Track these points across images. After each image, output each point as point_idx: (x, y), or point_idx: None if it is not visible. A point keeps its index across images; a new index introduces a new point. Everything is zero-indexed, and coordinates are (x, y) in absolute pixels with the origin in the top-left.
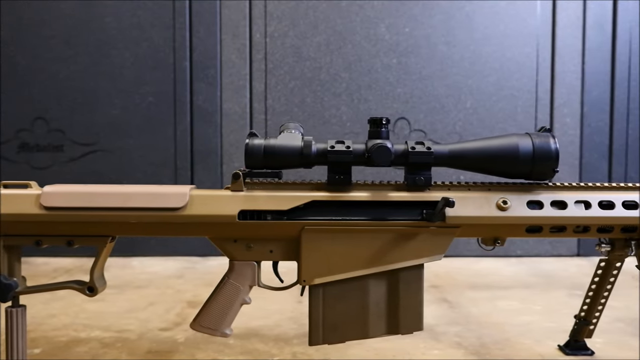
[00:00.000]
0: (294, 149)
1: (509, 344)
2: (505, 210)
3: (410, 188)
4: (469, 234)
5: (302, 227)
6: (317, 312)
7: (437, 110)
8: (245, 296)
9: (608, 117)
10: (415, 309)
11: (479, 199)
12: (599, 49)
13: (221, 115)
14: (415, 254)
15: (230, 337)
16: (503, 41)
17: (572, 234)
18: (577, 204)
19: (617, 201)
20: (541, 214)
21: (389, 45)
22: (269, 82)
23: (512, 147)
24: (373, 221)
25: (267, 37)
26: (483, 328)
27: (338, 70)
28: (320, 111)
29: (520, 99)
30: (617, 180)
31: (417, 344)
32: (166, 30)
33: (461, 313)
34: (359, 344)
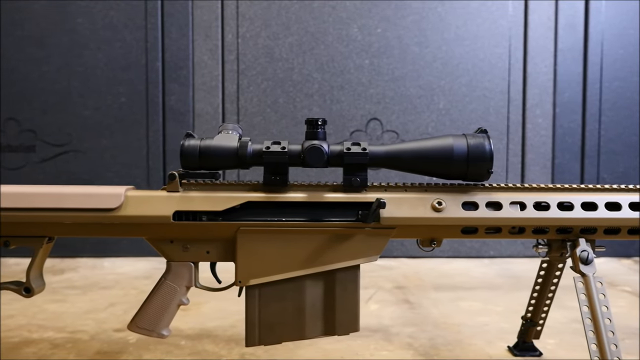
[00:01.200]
0: (229, 149)
1: (460, 345)
2: (440, 211)
3: (346, 189)
4: (404, 235)
5: (237, 228)
6: (253, 312)
7: (410, 111)
8: (182, 297)
9: (580, 118)
10: (351, 310)
11: (415, 200)
12: (571, 49)
13: (193, 115)
14: (351, 255)
15: (182, 338)
16: (475, 42)
17: (507, 235)
18: (512, 205)
19: (552, 202)
20: (476, 215)
21: (362, 46)
22: (241, 83)
23: (446, 148)
24: (309, 222)
25: (239, 38)
26: (438, 329)
27: (310, 71)
28: (293, 112)
29: (493, 99)
30: (590, 181)
31: (368, 345)
32: (138, 30)
33: (420, 314)
34: (310, 345)
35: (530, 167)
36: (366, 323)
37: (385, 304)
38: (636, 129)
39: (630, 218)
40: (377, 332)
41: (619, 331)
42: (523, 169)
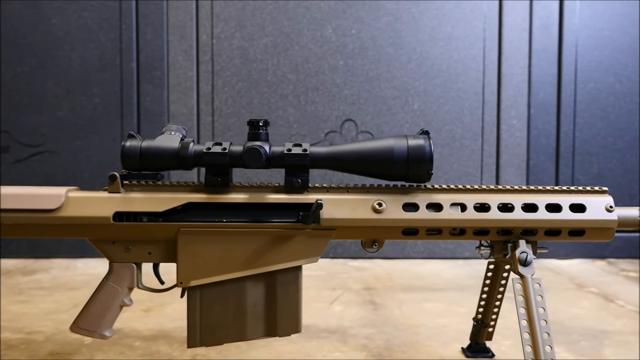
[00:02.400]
0: (170, 150)
1: (415, 346)
2: (381, 212)
3: (288, 190)
4: (345, 236)
5: (178, 229)
6: (195, 314)
7: (384, 112)
8: (124, 298)
9: (555, 119)
10: (292, 311)
11: (355, 201)
12: (545, 50)
13: (168, 116)
14: (292, 256)
15: (138, 339)
16: (450, 43)
17: (448, 236)
18: (453, 206)
19: (492, 204)
20: (416, 217)
21: (336, 47)
22: (216, 84)
23: (387, 150)
24: (250, 223)
25: (214, 39)
26: (397, 330)
27: (285, 72)
28: (267, 113)
29: (467, 100)
30: (564, 182)
31: (323, 346)
32: (113, 31)
33: (382, 315)
34: (264, 346)
35: (504, 168)
36: (326, 324)
37: (349, 305)
38: (611, 130)
39: (570, 219)
40: (335, 334)
41: (577, 333)
42: (498, 170)
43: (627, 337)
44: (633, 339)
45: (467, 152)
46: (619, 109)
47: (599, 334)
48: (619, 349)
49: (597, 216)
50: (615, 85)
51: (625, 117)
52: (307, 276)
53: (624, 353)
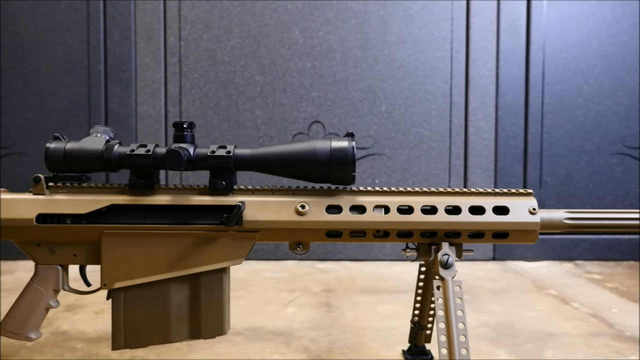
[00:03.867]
0: (94, 152)
1: (357, 348)
2: (303, 214)
3: (212, 192)
4: (269, 238)
5: (101, 231)
6: (119, 316)
7: (352, 114)
8: (49, 300)
9: (522, 121)
10: (217, 313)
11: (279, 203)
12: (512, 52)
13: (136, 118)
14: (215, 258)
15: (81, 341)
16: (417, 45)
17: (372, 238)
18: (376, 208)
19: (416, 206)
20: (339, 219)
21: (303, 49)
22: (184, 86)
23: (310, 152)
24: (173, 225)
25: (182, 41)
26: (343, 333)
27: (252, 74)
28: (235, 115)
29: (435, 102)
30: (532, 184)
31: (264, 348)
32: (80, 33)
33: (333, 317)
34: (205, 348)
35: (472, 170)
36: (274, 326)
37: (304, 307)
38: (578, 132)
39: (493, 222)
40: (281, 336)
41: (524, 335)
42: (465, 172)
43: (573, 339)
44: (579, 341)
45: (434, 154)
46: (587, 111)
47: (545, 336)
48: (561, 351)
49: (520, 219)
50: (583, 87)
51: (593, 119)
52: (269, 278)
53: (564, 355)
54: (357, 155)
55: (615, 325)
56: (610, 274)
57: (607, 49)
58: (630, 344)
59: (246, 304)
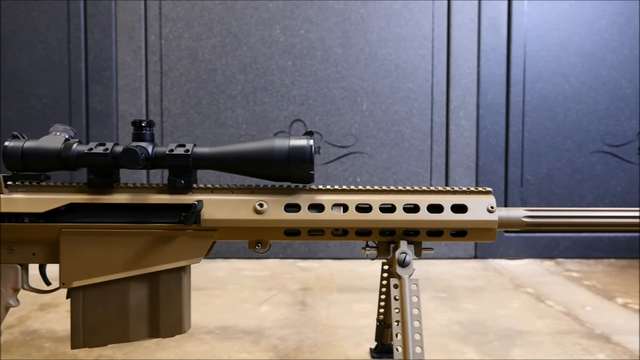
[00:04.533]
0: (52, 151)
1: (325, 347)
2: (262, 213)
3: (171, 191)
4: (228, 237)
5: (59, 229)
6: (78, 314)
7: (333, 112)
8: (9, 299)
9: (504, 119)
10: (175, 312)
11: (238, 202)
12: (494, 50)
13: (117, 117)
14: (174, 257)
15: (50, 340)
16: (398, 43)
17: (331, 237)
18: (335, 207)
19: (374, 204)
20: (298, 217)
21: (284, 47)
22: (165, 84)
23: (268, 150)
24: (132, 224)
25: (162, 39)
26: (314, 331)
27: (233, 72)
28: (216, 113)
29: (416, 101)
30: (514, 182)
31: (232, 347)
32: (61, 31)
33: (307, 316)
34: (173, 347)
35: (454, 169)
36: (246, 325)
37: (279, 305)
38: (559, 130)
39: (451, 220)
40: (251, 334)
41: (494, 333)
42: (447, 170)
43: (543, 337)
44: (547, 339)
45: (416, 152)
46: (568, 109)
47: (515, 335)
48: (528, 349)
49: (477, 217)
50: (564, 86)
51: (574, 117)
52: (249, 276)
53: (531, 353)
54: (339, 153)
55: (587, 323)
56: (590, 272)
57: (588, 48)
58: (599, 341)
59: (221, 303)
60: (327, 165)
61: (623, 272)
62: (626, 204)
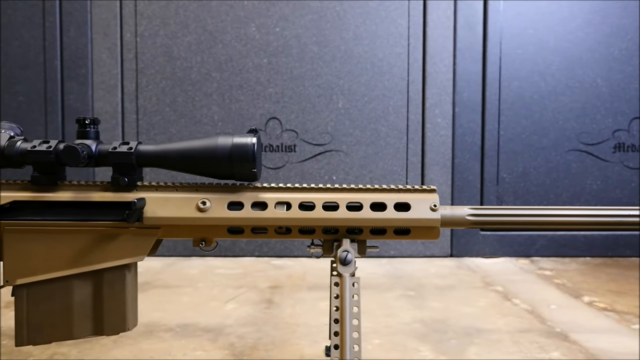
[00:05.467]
0: None
1: (282, 345)
2: (205, 211)
3: (115, 188)
4: (171, 235)
5: (2, 227)
6: (21, 312)
7: (309, 110)
8: None
9: (480, 117)
10: (119, 310)
11: (181, 200)
12: (469, 49)
13: (93, 114)
14: (117, 255)
15: (6, 337)
16: (374, 41)
17: (274, 235)
18: (278, 205)
19: (318, 203)
20: (241, 215)
21: (260, 45)
22: (140, 82)
23: (210, 148)
24: (75, 222)
25: (138, 37)
26: (275, 329)
27: (209, 70)
28: (192, 111)
29: (392, 99)
30: (490, 180)
31: (189, 345)
32: (36, 29)
33: (270, 314)
34: (130, 344)
35: (430, 167)
36: (207, 323)
37: (245, 303)
38: (535, 129)
39: (394, 218)
40: (210, 332)
41: (453, 331)
42: (423, 168)
43: (502, 335)
44: (506, 337)
45: (392, 150)
46: (544, 108)
47: (475, 333)
48: (485, 348)
49: (420, 215)
50: (540, 84)
51: (550, 116)
52: (221, 274)
53: (486, 352)
54: (315, 151)
55: (548, 322)
56: (563, 270)
57: (564, 46)
58: (557, 339)
59: (188, 301)
60: (303, 163)
61: (596, 270)
62: (602, 202)
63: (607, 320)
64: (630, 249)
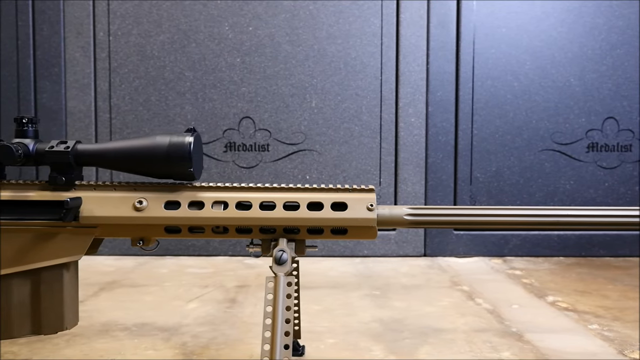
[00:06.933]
0: None
1: (235, 344)
2: (141, 210)
3: (53, 188)
4: (109, 234)
5: None
6: None
7: (282, 109)
8: None
9: (453, 117)
10: (57, 309)
11: (119, 199)
12: (443, 48)
13: (66, 113)
14: (54, 254)
15: None
16: (347, 40)
17: (212, 234)
18: (215, 204)
19: (255, 202)
20: (177, 215)
21: (233, 44)
22: (113, 81)
23: (148, 147)
24: (12, 221)
25: (111, 36)
26: (231, 328)
27: (182, 69)
28: (165, 110)
29: (366, 98)
30: (463, 180)
31: (141, 344)
32: (9, 28)
33: (230, 313)
34: (83, 343)
35: (403, 166)
36: (165, 322)
37: (207, 302)
38: (509, 128)
39: (331, 218)
40: (166, 331)
41: (410, 331)
42: (396, 167)
43: (457, 335)
44: (460, 337)
45: (365, 150)
46: (517, 107)
47: (431, 332)
48: (437, 347)
49: (357, 215)
50: (513, 83)
51: (523, 115)
52: (191, 273)
53: (437, 352)
54: (288, 151)
55: (506, 321)
56: (533, 270)
57: (537, 45)
58: (510, 339)
59: (151, 300)
60: (276, 162)
61: (567, 270)
62: (575, 203)
63: (566, 320)
64: (604, 248)
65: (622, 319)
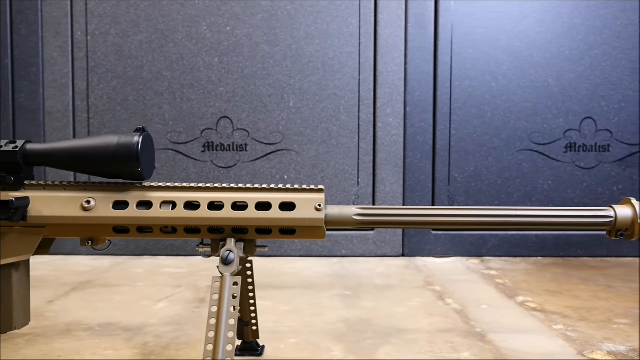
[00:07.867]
0: None
1: (195, 345)
2: (89, 210)
3: (2, 188)
4: (57, 234)
5: None
6: None
7: (260, 109)
8: None
9: (431, 117)
10: (5, 309)
11: (67, 199)
12: (421, 48)
13: (44, 113)
14: (3, 254)
15: None
16: (325, 40)
17: (160, 234)
18: (164, 204)
19: (203, 202)
20: (125, 215)
21: (211, 44)
22: (91, 81)
23: (96, 147)
24: None
25: (89, 35)
26: (195, 329)
27: (160, 69)
28: (143, 110)
29: (344, 98)
30: (441, 180)
31: (101, 344)
32: None
33: (197, 314)
34: (44, 344)
35: (381, 167)
36: (130, 322)
37: (177, 303)
38: (487, 129)
39: (279, 218)
40: (129, 332)
41: (374, 331)
42: (374, 168)
43: (420, 335)
44: (423, 337)
45: (343, 150)
46: (495, 107)
47: (395, 333)
48: (397, 348)
49: (305, 215)
50: (491, 84)
51: (502, 116)
52: (166, 273)
53: (397, 352)
54: (266, 150)
55: (472, 322)
56: (509, 270)
57: (515, 46)
58: (473, 339)
59: (120, 299)
60: (254, 162)
61: (542, 270)
62: (553, 203)
63: (532, 320)
64: (582, 249)
65: (588, 319)
